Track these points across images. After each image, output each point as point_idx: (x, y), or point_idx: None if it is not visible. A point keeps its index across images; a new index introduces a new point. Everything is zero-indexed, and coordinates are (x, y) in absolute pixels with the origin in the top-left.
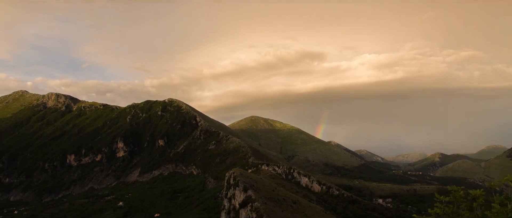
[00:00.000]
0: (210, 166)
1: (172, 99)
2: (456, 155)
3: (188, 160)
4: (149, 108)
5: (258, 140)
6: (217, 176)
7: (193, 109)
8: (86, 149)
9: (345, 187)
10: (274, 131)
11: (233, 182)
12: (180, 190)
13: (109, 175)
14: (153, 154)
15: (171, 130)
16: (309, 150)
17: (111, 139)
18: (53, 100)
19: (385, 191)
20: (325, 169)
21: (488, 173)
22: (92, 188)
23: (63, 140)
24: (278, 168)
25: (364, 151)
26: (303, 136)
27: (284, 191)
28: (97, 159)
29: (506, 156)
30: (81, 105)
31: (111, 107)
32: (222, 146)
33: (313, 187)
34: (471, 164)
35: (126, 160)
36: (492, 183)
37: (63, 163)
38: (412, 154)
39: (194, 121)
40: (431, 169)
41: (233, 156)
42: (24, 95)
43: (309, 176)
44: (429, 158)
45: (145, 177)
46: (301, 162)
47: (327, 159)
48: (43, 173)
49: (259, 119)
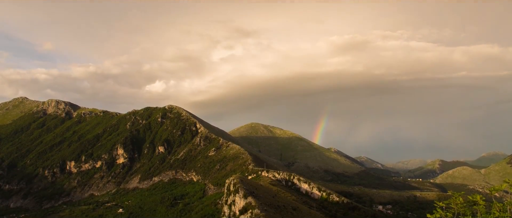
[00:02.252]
0: (210, 173)
1: (172, 106)
2: (456, 161)
3: (188, 166)
4: (149, 115)
5: (258, 146)
6: (217, 182)
7: (193, 115)
8: (86, 155)
9: (345, 193)
10: (274, 138)
11: (233, 189)
12: (180, 196)
13: (109, 181)
14: (153, 161)
15: (171, 137)
16: (309, 156)
17: (111, 145)
18: (53, 107)
19: (385, 197)
20: (325, 175)
21: (488, 179)
22: (92, 195)
23: (63, 147)
24: (278, 174)
25: (364, 158)
26: (303, 143)
27: (284, 197)
28: (97, 165)
29: (507, 162)
30: (81, 112)
31: (111, 114)
32: (222, 152)
33: (313, 193)
34: (471, 170)
35: (126, 167)
36: (491, 188)
37: (63, 169)
38: (412, 160)
39: (194, 127)
40: (431, 175)
41: (233, 162)
42: (24, 102)
43: (309, 183)
44: (429, 165)
45: (145, 183)
46: (301, 168)
47: (327, 165)
48: (43, 180)
49: (259, 125)
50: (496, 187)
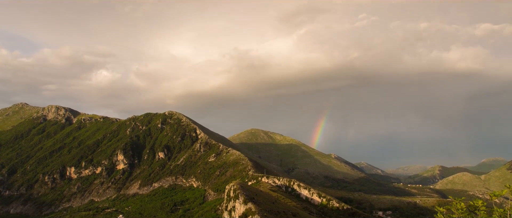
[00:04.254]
0: (210, 179)
1: (172, 112)
2: (456, 167)
3: (188, 172)
4: (149, 120)
5: (258, 152)
6: (217, 188)
7: (193, 121)
8: (86, 161)
9: (345, 199)
10: (274, 144)
11: (233, 195)
12: (180, 202)
13: (109, 187)
14: (153, 167)
15: (171, 142)
16: (309, 162)
17: (111, 151)
18: (53, 112)
19: (385, 203)
20: (325, 181)
21: (488, 185)
22: (92, 201)
23: (63, 153)
24: (278, 180)
25: (364, 164)
26: (303, 149)
27: (284, 203)
28: (97, 171)
29: (506, 168)
30: (81, 118)
31: (111, 120)
32: (222, 158)
33: (313, 199)
34: (471, 176)
35: (126, 173)
36: (491, 193)
37: (63, 175)
38: (412, 166)
39: (194, 133)
40: (431, 181)
41: (233, 168)
42: (24, 108)
43: (309, 189)
44: (429, 171)
45: (145, 189)
46: (301, 174)
47: (327, 171)
48: (43, 186)
49: (259, 131)
50: (496, 192)
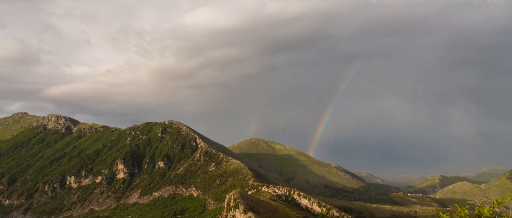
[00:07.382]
0: (210, 188)
1: (172, 121)
2: (456, 176)
3: (188, 181)
4: (149, 130)
5: (258, 162)
6: (217, 197)
7: (194, 130)
8: (86, 170)
9: (345, 209)
10: (274, 153)
11: (233, 204)
12: (180, 211)
13: (109, 196)
14: (153, 176)
15: (171, 152)
16: (309, 171)
17: (111, 160)
18: (53, 122)
19: (385, 213)
20: (325, 190)
21: (488, 194)
22: (92, 210)
23: (63, 162)
24: (278, 189)
25: (364, 173)
26: (303, 158)
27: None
28: (97, 180)
29: (506, 178)
30: (81, 127)
31: (111, 129)
32: (222, 167)
33: (313, 209)
34: (471, 186)
35: (126, 182)
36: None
37: (63, 185)
38: (412, 175)
39: (194, 142)
40: (431, 190)
41: (233, 177)
42: (24, 117)
43: (309, 198)
44: (429, 180)
45: (145, 198)
46: (301, 183)
47: (327, 180)
48: (43, 195)
49: (259, 140)
50: (499, 200)
